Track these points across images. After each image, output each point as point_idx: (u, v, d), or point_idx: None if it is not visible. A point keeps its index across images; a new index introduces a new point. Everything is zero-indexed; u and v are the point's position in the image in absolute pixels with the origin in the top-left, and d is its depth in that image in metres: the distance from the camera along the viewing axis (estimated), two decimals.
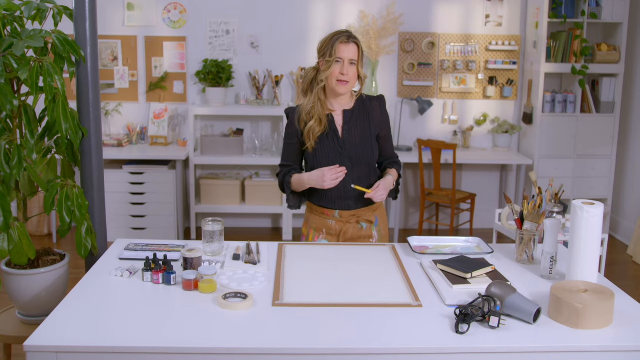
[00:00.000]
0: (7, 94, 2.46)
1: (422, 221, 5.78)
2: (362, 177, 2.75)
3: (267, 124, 5.98)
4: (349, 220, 2.80)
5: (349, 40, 2.64)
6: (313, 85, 2.73)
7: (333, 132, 2.73)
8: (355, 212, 2.80)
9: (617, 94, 5.73)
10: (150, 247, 2.56)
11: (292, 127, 2.79)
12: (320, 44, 2.70)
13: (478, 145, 6.14)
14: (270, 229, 6.17)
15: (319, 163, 2.74)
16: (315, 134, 2.71)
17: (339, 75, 2.64)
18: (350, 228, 2.80)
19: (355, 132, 2.74)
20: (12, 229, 2.50)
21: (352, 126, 2.74)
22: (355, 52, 2.65)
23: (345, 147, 2.73)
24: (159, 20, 5.83)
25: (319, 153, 2.74)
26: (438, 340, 1.85)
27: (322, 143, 2.73)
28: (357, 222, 2.81)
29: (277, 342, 1.82)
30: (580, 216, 2.14)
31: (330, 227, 2.81)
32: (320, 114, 2.71)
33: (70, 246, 5.32)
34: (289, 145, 2.82)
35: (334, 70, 2.64)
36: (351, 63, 2.65)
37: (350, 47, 2.64)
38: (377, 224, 2.86)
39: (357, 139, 2.73)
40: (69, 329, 1.86)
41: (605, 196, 5.87)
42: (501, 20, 5.96)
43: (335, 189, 2.72)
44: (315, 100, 2.71)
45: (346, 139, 2.73)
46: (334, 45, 2.63)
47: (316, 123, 2.70)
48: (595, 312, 1.90)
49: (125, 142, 5.77)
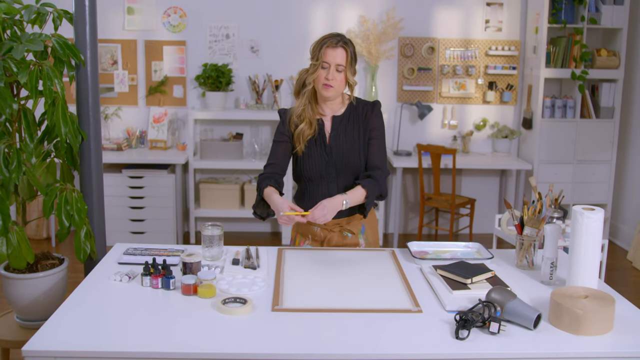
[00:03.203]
0: (6, 97, 2.46)
1: (421, 226, 5.77)
2: (348, 185, 2.66)
3: (266, 129, 5.98)
4: (332, 229, 2.75)
5: (337, 44, 2.56)
6: (304, 87, 2.67)
7: (321, 139, 2.68)
8: (338, 222, 2.74)
9: (616, 100, 5.73)
10: (149, 252, 2.55)
11: (282, 127, 2.72)
12: (312, 45, 2.64)
13: (478, 150, 6.14)
14: (269, 234, 6.16)
15: (305, 168, 2.69)
16: (305, 137, 2.66)
17: (324, 79, 2.57)
18: (334, 236, 2.76)
19: (343, 140, 2.67)
20: (10, 233, 2.49)
21: (340, 133, 2.68)
22: (343, 57, 2.57)
23: (332, 154, 2.66)
24: (159, 24, 5.83)
25: (306, 159, 2.68)
26: (438, 346, 1.84)
27: (310, 148, 2.68)
28: (341, 231, 2.76)
29: (277, 348, 1.82)
30: (580, 222, 2.13)
31: (314, 233, 2.78)
32: (310, 117, 2.66)
33: (69, 250, 5.31)
34: (277, 144, 2.73)
35: (320, 74, 2.58)
36: (338, 69, 2.57)
37: (338, 51, 2.56)
38: (364, 231, 2.81)
39: (344, 147, 2.66)
40: (67, 334, 1.86)
41: (605, 201, 5.87)
42: (501, 25, 5.96)
43: (319, 197, 2.62)
44: (305, 103, 2.66)
45: (333, 146, 2.67)
46: (322, 49, 2.56)
47: (306, 126, 2.65)
48: (596, 318, 1.90)
49: (124, 146, 5.77)
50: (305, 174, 2.70)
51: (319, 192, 2.69)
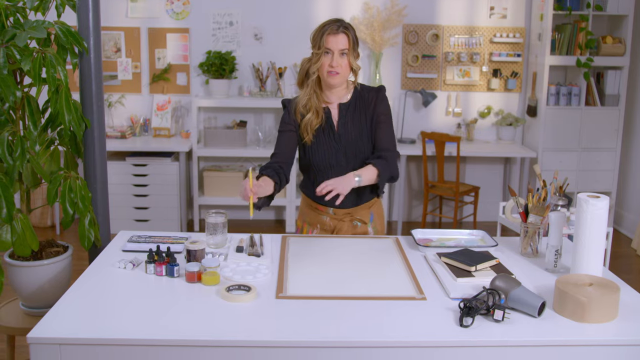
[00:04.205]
0: (9, 85, 2.45)
1: (425, 214, 5.77)
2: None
3: (270, 116, 5.96)
4: (342, 219, 2.76)
5: (338, 30, 2.54)
6: (308, 76, 2.65)
7: (329, 127, 2.67)
8: (350, 211, 2.75)
9: (622, 87, 5.70)
10: (153, 239, 2.55)
11: (287, 117, 2.70)
12: (312, 34, 2.61)
13: (482, 138, 6.12)
14: (273, 221, 6.17)
15: (314, 157, 2.68)
16: (313, 127, 2.64)
17: (328, 67, 2.55)
18: (344, 226, 2.76)
19: (351, 126, 2.66)
20: (15, 220, 2.49)
21: (348, 120, 2.66)
22: (345, 42, 2.55)
23: (341, 142, 2.65)
24: (162, 11, 5.81)
25: (314, 147, 2.67)
26: (442, 333, 1.84)
27: (318, 138, 2.67)
28: (352, 220, 2.76)
29: (281, 335, 1.82)
30: (585, 209, 2.13)
31: (324, 222, 2.78)
32: (317, 107, 2.64)
33: (73, 238, 5.32)
34: (282, 134, 2.71)
35: (324, 62, 2.55)
36: (342, 54, 2.55)
37: (339, 37, 2.53)
38: (372, 220, 2.81)
39: (352, 134, 2.65)
40: (72, 321, 1.86)
41: (610, 189, 5.86)
42: (506, 12, 5.93)
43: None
44: (310, 92, 2.63)
45: (342, 134, 2.66)
46: (323, 37, 2.53)
47: (313, 116, 2.63)
48: (600, 306, 1.90)
49: (128, 134, 5.76)
50: (315, 163, 2.69)
51: None
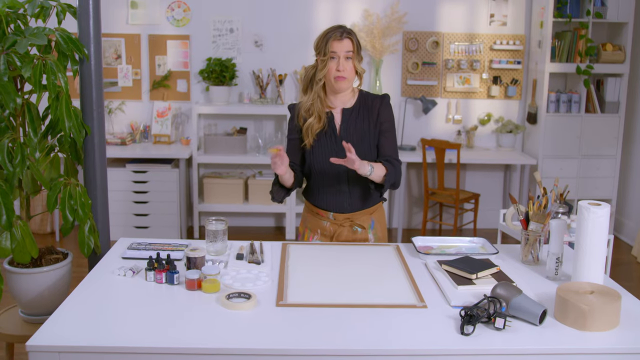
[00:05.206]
0: (10, 91, 2.45)
1: (425, 221, 5.76)
2: (358, 178, 2.66)
3: (270, 123, 5.97)
4: (342, 224, 2.75)
5: (342, 36, 2.58)
6: (313, 83, 2.68)
7: (331, 131, 2.69)
8: (349, 216, 2.75)
9: (622, 94, 5.70)
10: (153, 247, 2.55)
11: (292, 123, 2.75)
12: (315, 41, 2.64)
13: (482, 145, 6.12)
14: (273, 228, 6.16)
15: (316, 161, 2.69)
16: (314, 131, 2.66)
17: (335, 72, 2.59)
18: (344, 231, 2.76)
19: (354, 131, 2.68)
20: (14, 227, 2.49)
21: (350, 125, 2.68)
22: (349, 46, 2.59)
23: (342, 146, 2.65)
24: (163, 18, 5.82)
25: (316, 151, 2.69)
26: (443, 341, 1.83)
27: (320, 141, 2.69)
28: (351, 226, 2.76)
29: (281, 343, 1.81)
30: (586, 217, 2.12)
31: (324, 228, 2.78)
32: (319, 111, 2.66)
33: (73, 245, 5.31)
34: (289, 142, 2.77)
35: (331, 67, 2.59)
36: (347, 57, 2.59)
37: (344, 42, 2.58)
38: (373, 226, 2.81)
39: (354, 138, 2.67)
40: (71, 329, 1.85)
41: (610, 196, 5.85)
42: (506, 19, 5.94)
43: (330, 190, 2.69)
44: (314, 97, 2.66)
45: (343, 138, 2.66)
46: (328, 43, 2.58)
47: (315, 120, 2.66)
48: (602, 314, 1.89)
49: (128, 141, 5.76)
50: (316, 166, 2.70)
51: (329, 186, 2.70)
